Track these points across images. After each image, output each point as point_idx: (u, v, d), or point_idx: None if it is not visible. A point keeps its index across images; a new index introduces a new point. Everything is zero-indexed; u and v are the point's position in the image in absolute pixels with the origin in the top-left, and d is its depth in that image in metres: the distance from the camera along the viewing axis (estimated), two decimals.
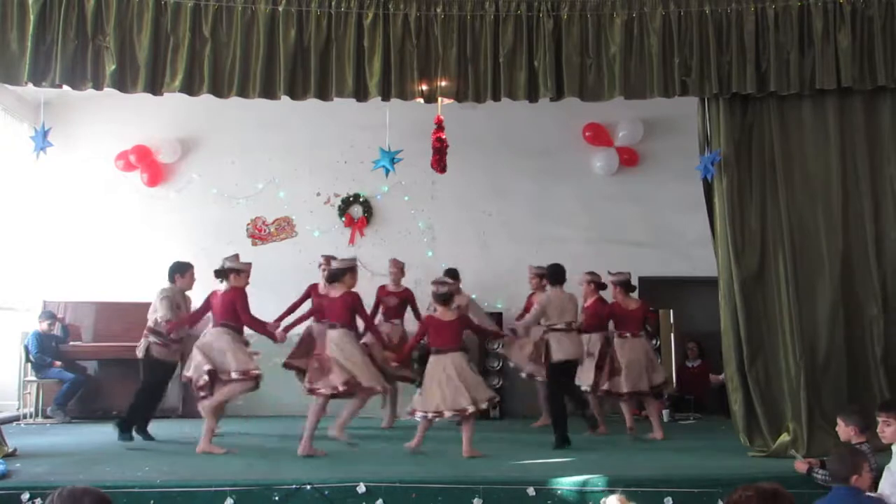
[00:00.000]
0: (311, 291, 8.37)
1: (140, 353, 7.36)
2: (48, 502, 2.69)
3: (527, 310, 8.57)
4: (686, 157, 8.09)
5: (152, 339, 7.27)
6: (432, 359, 6.67)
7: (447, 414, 6.51)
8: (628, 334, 7.78)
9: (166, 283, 7.47)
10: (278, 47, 6.39)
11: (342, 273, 6.94)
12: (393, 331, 8.38)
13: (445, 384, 6.47)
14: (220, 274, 6.88)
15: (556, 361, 7.38)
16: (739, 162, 6.75)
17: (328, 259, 8.16)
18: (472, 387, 6.49)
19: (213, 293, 6.95)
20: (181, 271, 7.50)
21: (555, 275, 7.62)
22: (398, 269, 8.75)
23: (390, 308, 8.55)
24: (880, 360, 6.50)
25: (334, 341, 6.72)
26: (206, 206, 10.12)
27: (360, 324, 7.12)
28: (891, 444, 4.93)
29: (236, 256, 7.05)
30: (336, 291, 6.94)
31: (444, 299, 6.82)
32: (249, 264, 7.03)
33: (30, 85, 6.38)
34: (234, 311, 6.76)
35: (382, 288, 8.72)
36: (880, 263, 6.60)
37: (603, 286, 8.13)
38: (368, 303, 7.79)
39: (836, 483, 4.37)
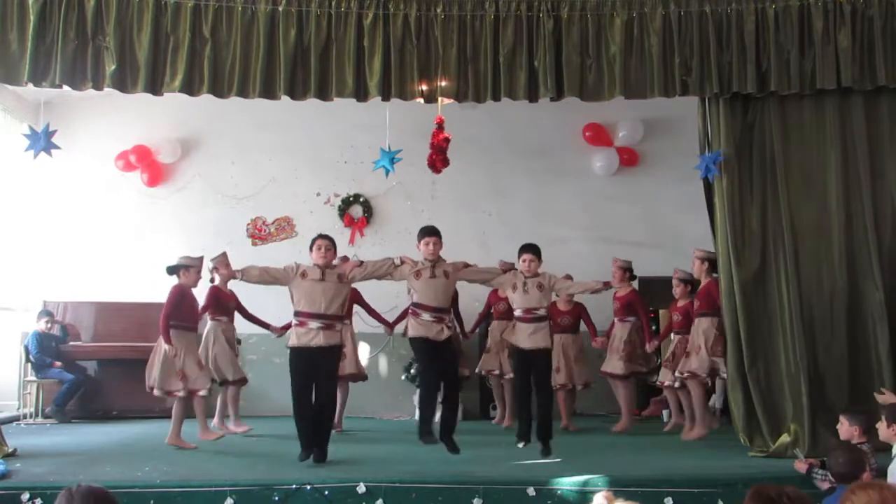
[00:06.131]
0: None
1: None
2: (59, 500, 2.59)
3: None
4: (686, 157, 8.07)
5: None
6: None
7: None
8: None
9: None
10: (278, 47, 6.38)
11: None
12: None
13: None
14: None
15: None
16: (740, 162, 6.74)
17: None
18: None
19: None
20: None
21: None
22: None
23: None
24: (882, 360, 6.48)
25: None
26: (206, 206, 10.12)
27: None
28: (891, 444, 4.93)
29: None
30: None
31: None
32: None
33: (30, 85, 6.37)
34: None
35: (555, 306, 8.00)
36: (881, 263, 6.58)
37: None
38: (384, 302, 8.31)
39: (845, 483, 4.29)
